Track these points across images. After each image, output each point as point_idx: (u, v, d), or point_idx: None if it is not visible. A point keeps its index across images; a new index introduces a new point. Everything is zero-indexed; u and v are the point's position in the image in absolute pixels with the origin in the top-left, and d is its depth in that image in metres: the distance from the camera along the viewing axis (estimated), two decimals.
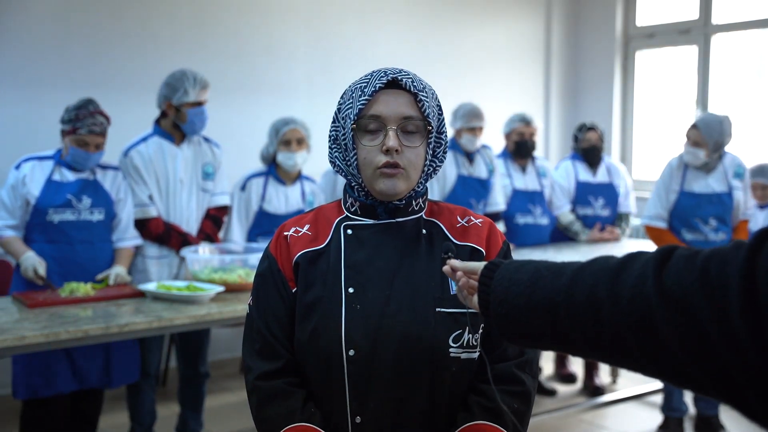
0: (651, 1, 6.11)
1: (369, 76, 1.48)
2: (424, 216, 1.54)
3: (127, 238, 3.39)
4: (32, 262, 3.09)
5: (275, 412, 1.45)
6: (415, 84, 1.46)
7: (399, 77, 1.45)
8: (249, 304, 1.56)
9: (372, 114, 1.44)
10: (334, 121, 1.52)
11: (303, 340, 1.47)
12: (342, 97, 1.51)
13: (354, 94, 1.48)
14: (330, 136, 1.53)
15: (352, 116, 1.45)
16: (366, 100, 1.44)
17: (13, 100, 4.20)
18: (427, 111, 1.45)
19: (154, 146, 3.48)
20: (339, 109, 1.51)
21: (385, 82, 1.45)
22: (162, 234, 3.47)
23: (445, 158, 1.53)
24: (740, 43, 5.63)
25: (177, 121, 3.47)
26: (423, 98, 1.45)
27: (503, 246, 1.54)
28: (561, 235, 4.77)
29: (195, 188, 3.58)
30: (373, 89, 1.44)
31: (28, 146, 4.18)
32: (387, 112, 1.44)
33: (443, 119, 1.53)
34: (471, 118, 4.39)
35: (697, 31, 5.71)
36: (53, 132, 4.27)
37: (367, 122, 1.45)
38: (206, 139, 3.65)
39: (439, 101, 1.53)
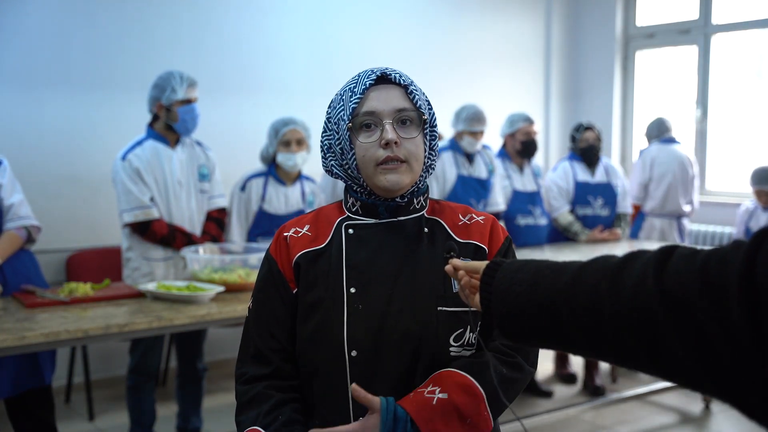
0: (651, 1, 6.11)
1: (356, 77, 1.48)
2: (425, 214, 1.53)
3: (16, 219, 3.08)
4: None
5: (246, 417, 1.45)
6: (403, 78, 1.46)
7: (387, 72, 1.46)
8: (249, 307, 1.55)
9: (366, 111, 1.43)
10: (324, 131, 1.51)
11: (305, 341, 1.46)
12: (330, 105, 1.51)
13: (344, 97, 1.47)
14: (322, 147, 1.52)
15: (346, 117, 1.45)
16: (358, 98, 1.44)
17: (13, 100, 4.20)
18: (419, 103, 1.46)
19: (150, 149, 3.47)
20: (329, 117, 1.49)
21: (374, 78, 1.45)
22: (167, 235, 3.46)
23: (438, 151, 1.53)
24: (740, 43, 5.63)
25: (169, 121, 3.47)
26: (414, 90, 1.46)
27: (505, 242, 1.52)
28: (559, 235, 4.77)
29: (193, 189, 3.58)
30: (363, 87, 1.44)
31: (29, 146, 4.19)
32: (381, 106, 1.43)
33: (434, 113, 1.52)
34: (474, 123, 4.37)
35: (697, 31, 5.71)
36: (54, 132, 4.28)
37: (362, 119, 1.44)
38: (198, 143, 3.66)
39: (427, 97, 1.53)
